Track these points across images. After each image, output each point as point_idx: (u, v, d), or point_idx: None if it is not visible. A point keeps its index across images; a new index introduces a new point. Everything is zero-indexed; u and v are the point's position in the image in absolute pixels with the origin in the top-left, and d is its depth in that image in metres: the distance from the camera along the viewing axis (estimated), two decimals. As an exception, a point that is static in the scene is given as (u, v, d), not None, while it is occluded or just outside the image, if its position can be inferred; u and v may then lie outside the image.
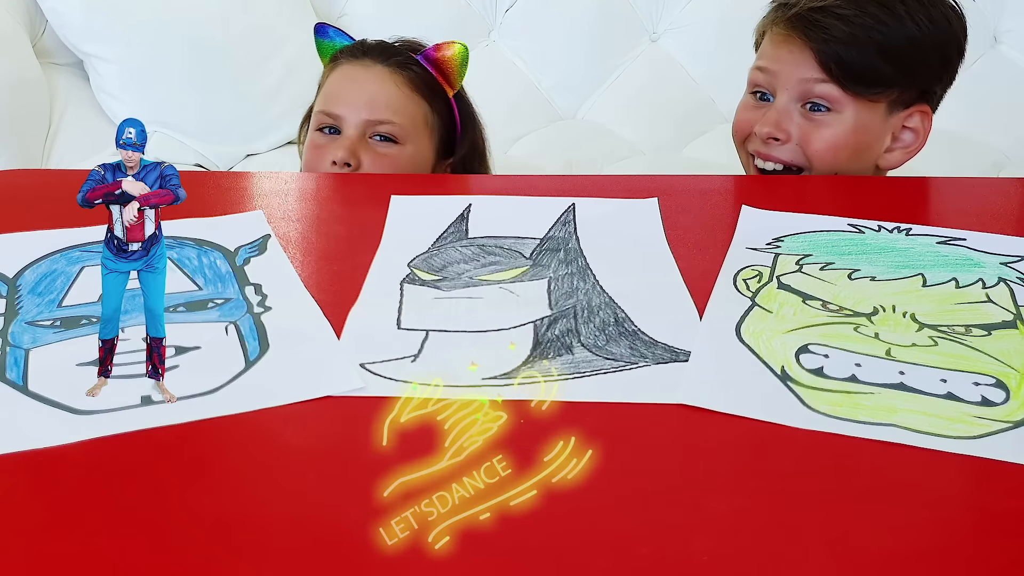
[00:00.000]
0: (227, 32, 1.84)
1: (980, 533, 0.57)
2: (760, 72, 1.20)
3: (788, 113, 1.17)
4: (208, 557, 0.53)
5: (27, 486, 0.59)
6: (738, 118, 1.23)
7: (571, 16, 2.04)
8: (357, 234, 0.91)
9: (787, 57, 1.16)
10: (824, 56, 1.14)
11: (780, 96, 1.17)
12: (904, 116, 1.19)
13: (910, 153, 1.22)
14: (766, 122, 1.17)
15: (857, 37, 1.13)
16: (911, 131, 1.20)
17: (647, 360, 0.71)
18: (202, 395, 0.66)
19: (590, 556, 0.53)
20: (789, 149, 1.17)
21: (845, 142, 1.16)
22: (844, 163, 1.17)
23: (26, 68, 1.75)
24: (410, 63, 1.25)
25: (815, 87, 1.15)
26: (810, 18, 1.14)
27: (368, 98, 1.23)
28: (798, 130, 1.16)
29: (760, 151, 1.19)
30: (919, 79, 1.18)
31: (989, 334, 0.75)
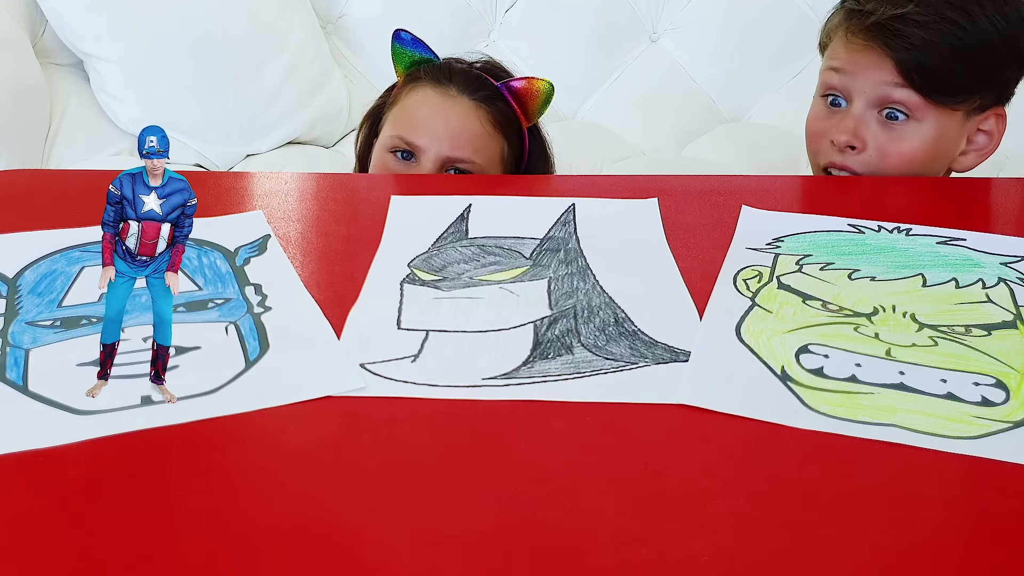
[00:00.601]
0: (227, 32, 1.84)
1: (980, 533, 0.57)
2: (835, 73, 1.16)
3: (865, 121, 1.14)
4: (208, 557, 0.53)
5: (27, 486, 0.59)
6: (811, 127, 1.19)
7: (571, 16, 2.05)
8: (357, 234, 0.91)
9: (865, 63, 1.13)
10: (905, 65, 1.11)
11: (857, 101, 1.14)
12: (980, 119, 1.17)
13: (984, 156, 1.19)
14: (843, 129, 1.14)
15: (937, 45, 1.10)
16: (985, 133, 1.18)
17: (647, 360, 0.71)
18: (202, 395, 0.66)
19: (589, 556, 0.53)
20: (863, 160, 1.14)
21: (923, 153, 1.14)
22: (919, 172, 1.15)
23: (26, 68, 1.75)
24: (495, 97, 1.22)
25: (894, 92, 1.12)
26: (890, 27, 1.11)
27: (451, 133, 1.19)
28: (875, 140, 1.13)
29: (835, 161, 1.15)
30: (997, 83, 1.16)
31: (989, 334, 0.75)
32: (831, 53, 1.19)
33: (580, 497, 0.58)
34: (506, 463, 0.61)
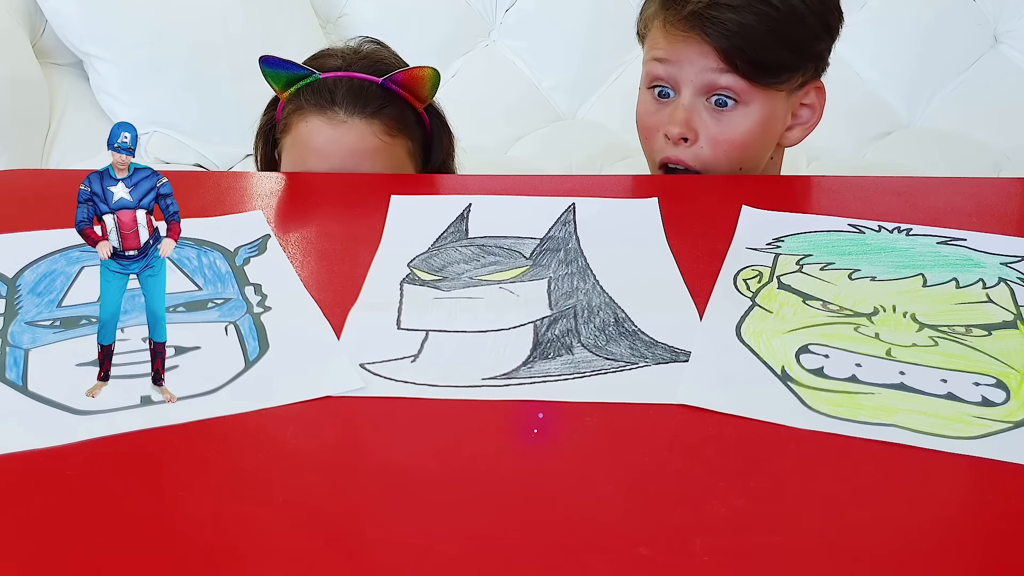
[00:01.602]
0: (227, 32, 1.84)
1: (980, 533, 0.57)
2: (659, 64, 1.16)
3: (696, 110, 1.14)
4: (208, 557, 0.53)
5: (27, 486, 0.59)
6: (642, 122, 1.20)
7: (571, 16, 2.05)
8: (357, 234, 0.91)
9: (688, 52, 1.13)
10: (727, 53, 1.11)
11: (684, 91, 1.14)
12: (801, 94, 1.18)
13: (808, 129, 1.21)
14: (675, 121, 1.14)
15: (754, 28, 1.11)
16: (807, 107, 1.20)
17: (647, 360, 0.71)
18: (202, 395, 0.66)
19: (590, 556, 0.53)
20: (695, 152, 1.14)
21: (754, 136, 1.15)
22: (750, 154, 1.16)
23: (26, 68, 1.75)
24: (384, 103, 1.17)
25: (720, 78, 1.12)
26: (707, 15, 1.11)
27: (351, 154, 1.16)
28: (706, 130, 1.14)
29: (669, 156, 1.16)
30: (814, 56, 1.17)
31: (989, 334, 0.75)
32: (652, 43, 1.18)
33: (580, 497, 0.58)
34: (506, 463, 0.61)
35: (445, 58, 1.98)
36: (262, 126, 1.25)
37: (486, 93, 2.02)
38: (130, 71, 1.81)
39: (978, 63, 2.03)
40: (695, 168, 1.15)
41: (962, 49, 2.04)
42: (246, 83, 1.87)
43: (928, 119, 2.03)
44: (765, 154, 1.19)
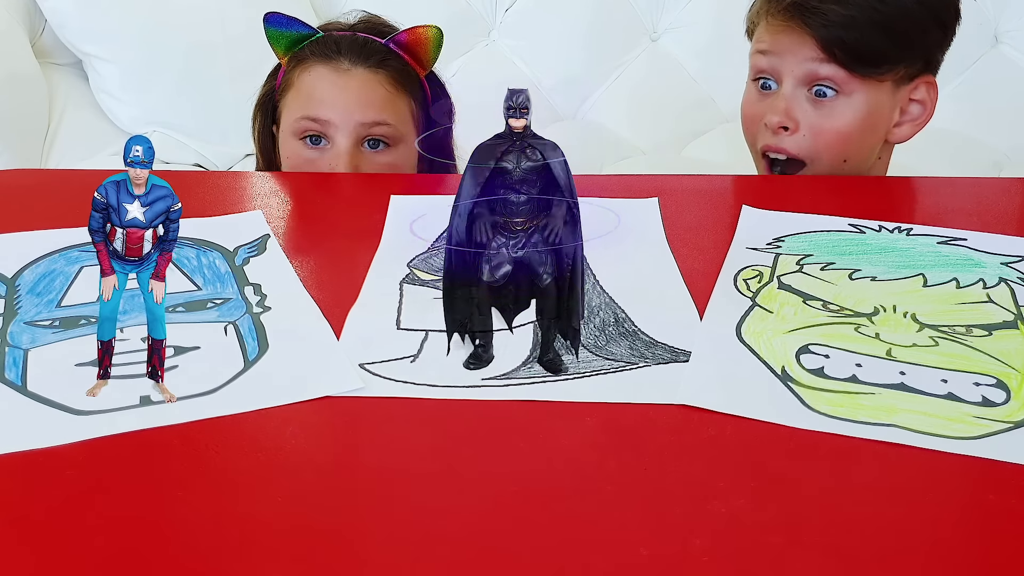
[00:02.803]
0: (226, 32, 1.84)
1: (980, 533, 0.57)
2: (762, 56, 1.17)
3: (796, 100, 1.15)
4: (207, 557, 0.53)
5: (26, 486, 0.59)
6: (746, 113, 1.21)
7: (571, 16, 2.04)
8: (356, 234, 0.90)
9: (788, 43, 1.14)
10: (826, 42, 1.12)
11: (786, 82, 1.15)
12: (910, 89, 1.18)
13: (919, 125, 1.20)
14: (774, 110, 1.15)
15: (856, 19, 1.12)
16: (918, 103, 1.19)
17: (647, 360, 0.71)
18: (201, 395, 0.66)
19: (589, 556, 0.53)
20: (797, 140, 1.15)
21: (857, 127, 1.15)
22: (855, 147, 1.16)
23: (25, 68, 1.75)
24: (388, 57, 1.19)
25: (820, 68, 1.13)
26: (807, 5, 1.12)
27: (359, 101, 1.17)
28: (807, 119, 1.14)
29: (770, 144, 1.16)
30: (922, 51, 1.17)
31: (990, 334, 0.75)
32: (757, 37, 1.19)
33: (580, 497, 0.58)
34: (505, 463, 0.61)
35: (445, 58, 1.96)
36: (261, 98, 1.25)
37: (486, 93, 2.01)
38: (129, 71, 1.80)
39: (978, 63, 2.02)
40: (797, 155, 1.15)
41: (962, 49, 2.03)
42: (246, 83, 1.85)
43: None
44: (871, 148, 1.18)
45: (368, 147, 1.18)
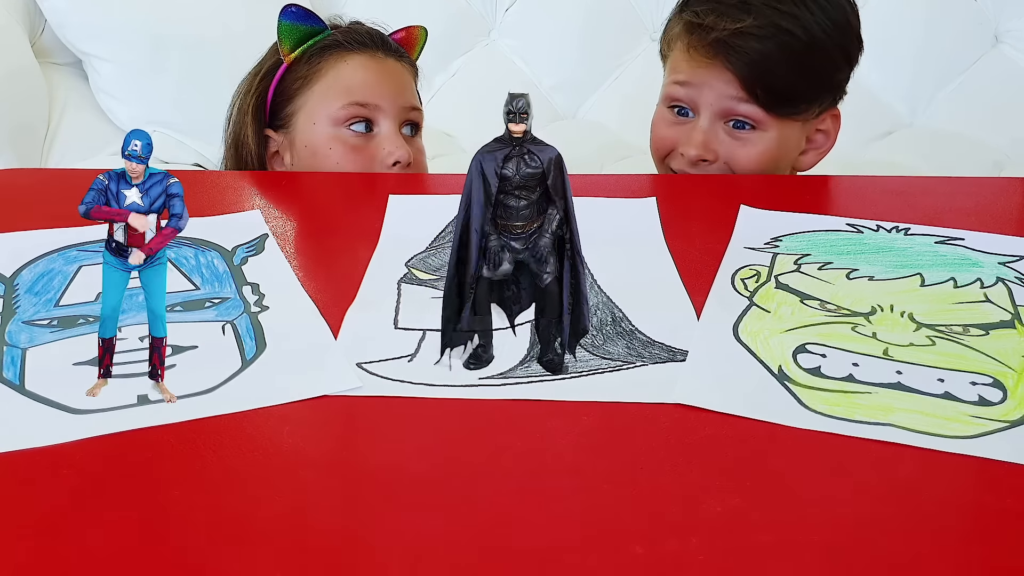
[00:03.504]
0: (226, 32, 1.84)
1: (977, 533, 0.57)
2: (680, 87, 1.20)
3: (714, 133, 1.18)
4: (205, 556, 0.53)
5: (24, 485, 0.59)
6: (658, 135, 1.23)
7: (571, 16, 2.04)
8: (354, 234, 0.91)
9: (709, 78, 1.17)
10: (748, 82, 1.15)
11: (703, 115, 1.18)
12: (817, 121, 1.22)
13: (822, 154, 1.25)
14: (693, 143, 1.18)
15: (775, 56, 1.14)
16: (822, 133, 1.24)
17: (644, 360, 0.71)
18: (199, 394, 0.66)
19: (586, 556, 0.53)
20: (715, 170, 1.18)
21: (770, 158, 1.19)
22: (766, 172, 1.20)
23: (25, 67, 1.75)
24: (403, 53, 1.26)
25: (739, 106, 1.17)
26: (731, 43, 1.15)
27: (398, 87, 1.22)
28: (724, 149, 1.18)
29: (687, 171, 1.19)
30: (831, 87, 1.21)
31: (987, 334, 0.75)
32: (674, 67, 1.22)
33: (576, 496, 0.58)
34: (502, 462, 0.61)
35: (445, 58, 1.98)
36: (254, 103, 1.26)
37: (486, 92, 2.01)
38: (129, 70, 1.80)
39: (978, 63, 2.02)
40: None
41: (962, 49, 2.04)
42: (245, 82, 1.87)
43: (928, 119, 2.03)
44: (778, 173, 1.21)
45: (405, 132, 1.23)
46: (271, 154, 1.26)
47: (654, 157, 1.25)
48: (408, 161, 1.18)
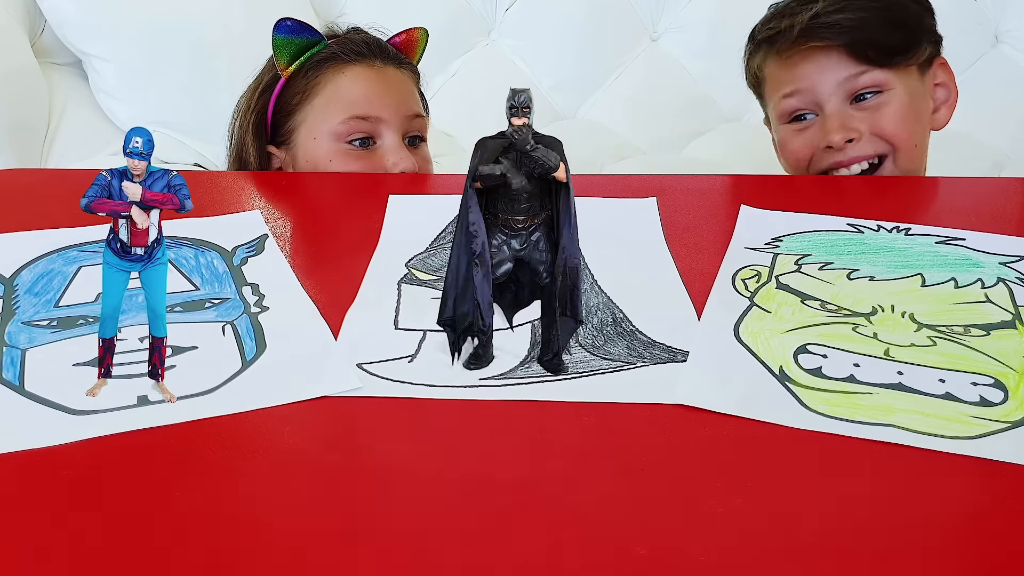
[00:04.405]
0: (226, 32, 1.84)
1: (978, 534, 0.57)
2: (792, 98, 1.21)
3: (846, 114, 1.18)
4: (205, 556, 0.53)
5: (24, 486, 0.59)
6: (794, 148, 1.22)
7: (571, 16, 2.04)
8: (354, 234, 0.91)
9: (816, 68, 1.18)
10: (856, 46, 1.16)
11: (828, 103, 1.19)
12: (932, 75, 1.23)
13: (951, 107, 1.26)
14: (832, 130, 1.18)
15: (868, 20, 1.17)
16: (941, 87, 1.25)
17: (645, 360, 0.71)
18: (199, 395, 0.66)
19: (586, 556, 0.53)
20: (866, 144, 1.19)
21: (908, 112, 1.20)
22: (917, 132, 1.21)
23: (25, 67, 1.75)
24: (402, 57, 1.25)
25: (859, 80, 1.18)
26: (822, 23, 1.16)
27: (399, 95, 1.21)
28: (864, 123, 1.18)
29: (841, 160, 1.19)
30: (926, 33, 1.23)
31: (988, 334, 0.75)
32: (775, 85, 1.23)
33: (577, 497, 0.58)
34: (503, 463, 0.61)
35: (445, 57, 1.98)
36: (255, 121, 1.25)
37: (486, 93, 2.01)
38: (129, 70, 1.80)
39: (978, 63, 2.02)
40: (875, 154, 1.19)
41: (962, 49, 2.04)
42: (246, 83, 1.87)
43: (928, 119, 2.03)
44: (925, 132, 1.23)
45: (408, 143, 1.21)
46: (274, 170, 1.25)
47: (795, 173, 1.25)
48: (414, 171, 1.17)
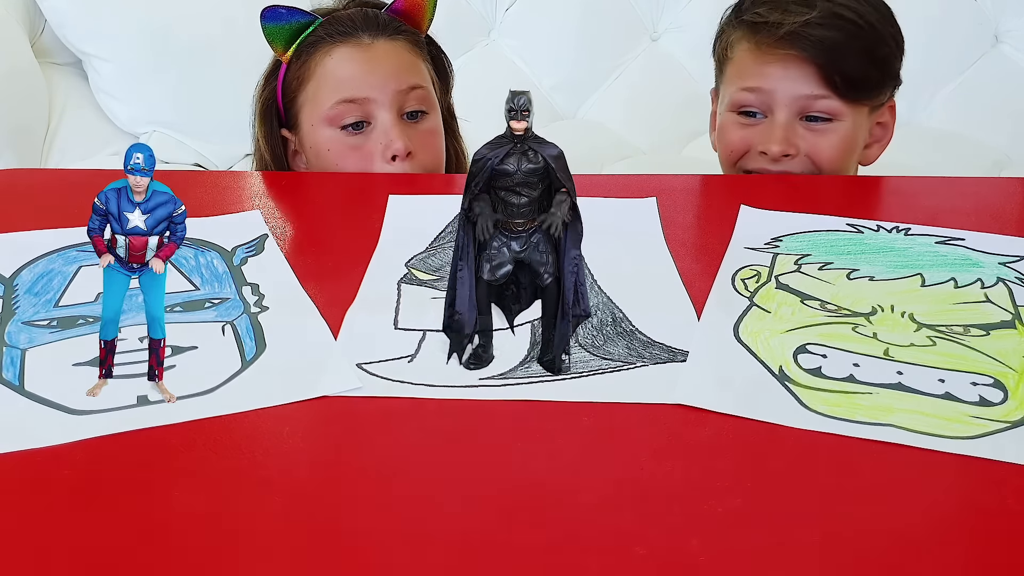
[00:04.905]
0: (226, 32, 1.84)
1: (977, 533, 0.57)
2: (749, 92, 1.20)
3: (792, 128, 1.18)
4: (204, 556, 0.53)
5: (24, 486, 0.59)
6: (730, 139, 1.22)
7: (571, 16, 2.04)
8: (354, 234, 0.90)
9: (784, 75, 1.17)
10: (827, 70, 1.15)
11: (779, 113, 1.18)
12: (877, 115, 1.23)
13: (883, 147, 1.26)
14: (775, 140, 1.17)
15: (848, 48, 1.16)
16: (881, 126, 1.25)
17: (644, 360, 0.71)
18: (199, 395, 0.66)
19: (586, 556, 0.53)
20: (797, 163, 1.18)
21: (848, 146, 1.19)
22: (847, 165, 1.20)
23: (25, 67, 1.75)
24: (399, 27, 1.18)
25: (816, 103, 1.17)
26: (805, 34, 1.15)
27: (390, 70, 1.15)
28: (804, 143, 1.18)
29: (768, 168, 1.19)
30: (893, 74, 1.23)
31: (987, 334, 0.75)
32: (740, 70, 1.22)
33: (577, 497, 0.58)
34: (503, 463, 0.61)
35: (444, 57, 1.98)
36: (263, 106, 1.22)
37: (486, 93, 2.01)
38: (129, 70, 1.80)
39: (978, 63, 2.02)
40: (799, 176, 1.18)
41: (962, 49, 2.04)
42: (245, 82, 1.86)
43: (928, 119, 2.03)
44: (854, 165, 1.23)
45: (408, 118, 1.16)
46: (292, 154, 1.22)
47: (724, 162, 1.25)
48: (407, 150, 1.13)
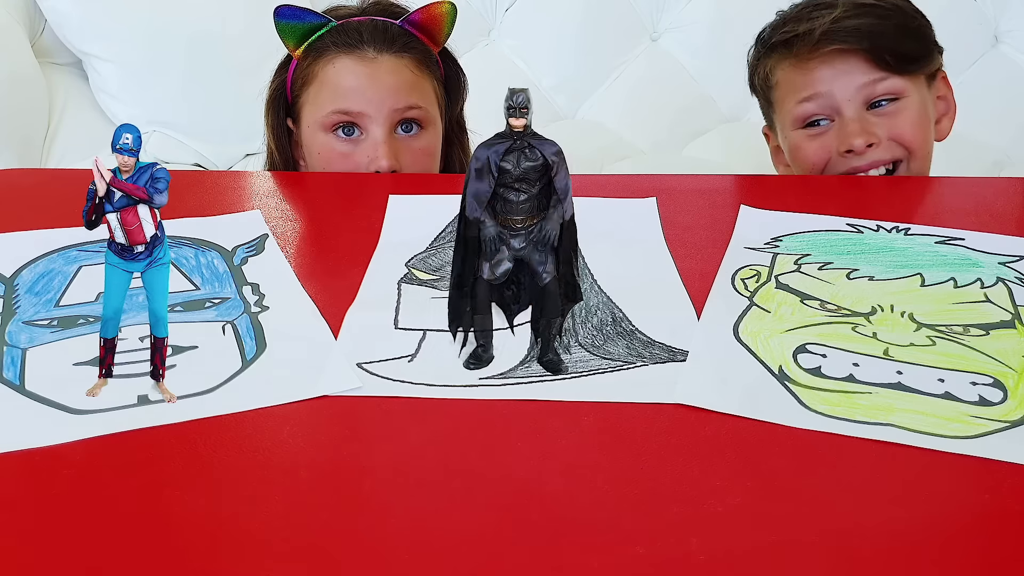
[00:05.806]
0: (226, 30, 1.84)
1: (977, 533, 0.57)
2: (810, 102, 1.20)
3: (864, 119, 1.18)
4: (204, 556, 0.53)
5: (24, 486, 0.59)
6: (807, 153, 1.21)
7: (571, 15, 2.04)
8: (355, 234, 0.91)
9: (834, 73, 1.18)
10: (877, 52, 1.17)
11: (846, 109, 1.18)
12: (936, 86, 1.25)
13: (951, 118, 1.27)
14: (854, 134, 1.17)
15: (884, 29, 1.18)
16: (942, 99, 1.26)
17: (644, 360, 0.71)
18: (199, 394, 0.66)
19: (586, 555, 0.53)
20: (884, 149, 1.19)
21: (924, 119, 1.21)
22: (929, 139, 1.22)
23: (25, 68, 1.75)
24: (409, 42, 1.19)
25: (878, 86, 1.18)
26: (840, 28, 1.16)
27: (388, 89, 1.16)
28: (882, 129, 1.18)
29: (858, 165, 1.19)
30: (931, 42, 1.24)
31: (987, 334, 0.75)
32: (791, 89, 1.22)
33: (577, 497, 0.58)
34: (503, 463, 0.61)
35: (444, 57, 1.98)
36: (271, 94, 1.23)
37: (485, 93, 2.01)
38: (129, 70, 1.80)
39: (978, 63, 2.02)
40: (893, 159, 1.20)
41: (962, 49, 2.04)
42: (246, 83, 1.86)
43: (928, 119, 2.03)
44: (931, 145, 1.24)
45: (402, 131, 1.17)
46: (295, 145, 1.23)
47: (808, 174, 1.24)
48: (391, 168, 1.13)
